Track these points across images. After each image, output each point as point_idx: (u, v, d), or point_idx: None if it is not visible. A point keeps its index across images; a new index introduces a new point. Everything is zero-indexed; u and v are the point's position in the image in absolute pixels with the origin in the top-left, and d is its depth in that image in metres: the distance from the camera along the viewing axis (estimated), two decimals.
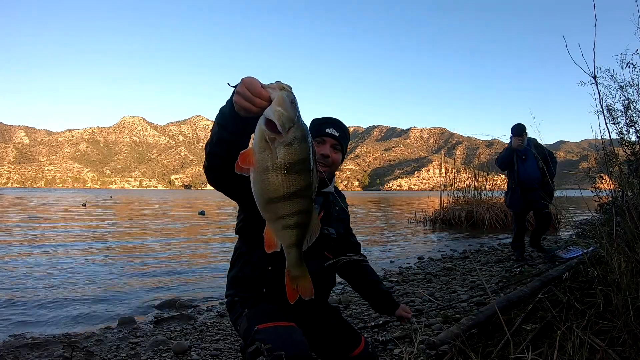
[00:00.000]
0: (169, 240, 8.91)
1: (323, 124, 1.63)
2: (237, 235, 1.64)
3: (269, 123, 0.95)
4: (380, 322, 2.83)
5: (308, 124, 1.76)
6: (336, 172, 1.81)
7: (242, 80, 1.04)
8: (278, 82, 1.01)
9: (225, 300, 1.65)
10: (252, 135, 1.02)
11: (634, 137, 2.26)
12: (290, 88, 1.00)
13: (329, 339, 1.63)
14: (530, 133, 5.18)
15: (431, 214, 12.70)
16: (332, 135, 1.61)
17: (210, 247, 7.86)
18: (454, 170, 12.89)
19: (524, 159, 4.99)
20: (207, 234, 10.24)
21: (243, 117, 1.07)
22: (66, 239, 8.77)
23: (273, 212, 1.01)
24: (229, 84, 1.08)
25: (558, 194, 6.05)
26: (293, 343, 1.36)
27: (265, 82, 1.03)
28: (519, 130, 4.91)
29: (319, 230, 1.09)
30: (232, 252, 1.66)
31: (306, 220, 1.04)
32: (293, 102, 0.97)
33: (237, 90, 1.04)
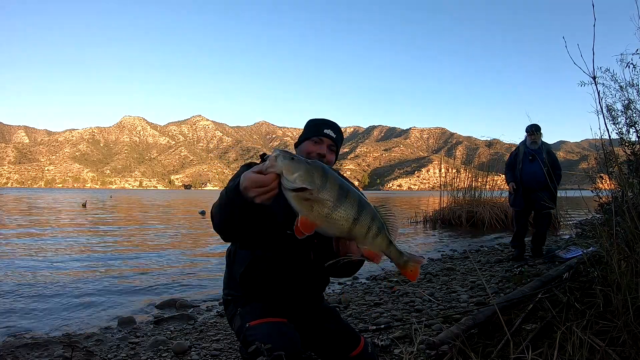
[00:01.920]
0: (169, 240, 8.91)
1: (321, 125, 1.67)
2: None
3: (298, 189, 1.03)
4: (383, 326, 2.75)
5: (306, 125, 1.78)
6: None
7: (243, 185, 1.12)
8: (269, 156, 1.08)
9: (222, 299, 1.69)
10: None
11: (634, 137, 2.26)
12: (279, 148, 1.09)
13: (328, 339, 1.64)
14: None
15: (431, 214, 12.69)
16: (330, 136, 1.64)
17: (210, 247, 7.87)
18: (454, 170, 12.85)
19: (530, 159, 4.99)
20: (207, 234, 10.24)
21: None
22: (66, 239, 8.76)
23: (359, 234, 1.12)
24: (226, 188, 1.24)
25: (558, 194, 6.05)
26: (281, 336, 1.39)
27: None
28: (532, 127, 5.03)
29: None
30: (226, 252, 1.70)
31: (381, 222, 1.15)
32: (293, 158, 1.05)
33: (251, 196, 1.12)
